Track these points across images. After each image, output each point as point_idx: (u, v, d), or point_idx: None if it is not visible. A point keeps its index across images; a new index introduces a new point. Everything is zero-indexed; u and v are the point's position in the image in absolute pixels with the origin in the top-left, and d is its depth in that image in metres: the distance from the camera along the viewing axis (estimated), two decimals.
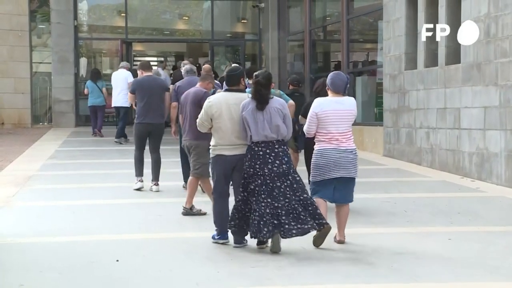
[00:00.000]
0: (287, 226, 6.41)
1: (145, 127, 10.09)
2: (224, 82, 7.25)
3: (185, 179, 10.41)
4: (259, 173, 6.50)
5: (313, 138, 6.96)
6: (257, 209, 6.43)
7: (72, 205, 9.00)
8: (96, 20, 22.32)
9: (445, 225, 7.92)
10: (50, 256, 6.49)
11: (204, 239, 7.02)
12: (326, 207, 6.87)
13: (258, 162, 6.51)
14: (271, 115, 6.56)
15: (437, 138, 12.45)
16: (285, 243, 6.59)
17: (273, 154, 6.53)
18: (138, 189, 10.02)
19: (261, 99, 6.58)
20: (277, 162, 6.52)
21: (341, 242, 6.94)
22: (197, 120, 6.98)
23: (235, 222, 6.63)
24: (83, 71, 21.44)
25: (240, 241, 6.74)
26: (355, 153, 6.85)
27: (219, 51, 22.44)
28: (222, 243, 6.85)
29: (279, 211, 6.42)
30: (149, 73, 10.50)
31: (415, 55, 13.27)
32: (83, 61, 21.63)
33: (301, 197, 6.52)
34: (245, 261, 6.27)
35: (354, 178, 6.90)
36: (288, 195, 6.47)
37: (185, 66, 10.99)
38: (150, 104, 10.08)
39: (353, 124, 6.94)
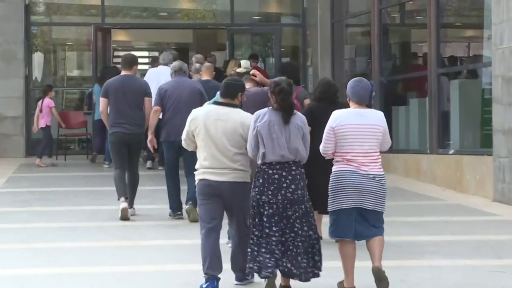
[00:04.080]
0: (288, 265, 7.67)
1: (120, 138, 11.86)
2: (219, 92, 8.28)
3: (173, 205, 11.75)
4: (272, 201, 7.76)
5: (325, 160, 8.03)
6: (266, 244, 7.68)
7: (19, 276, 9.02)
8: None
9: None
10: None
11: None
12: (354, 254, 7.74)
13: (272, 188, 7.77)
14: (291, 134, 7.80)
15: None
16: None
17: (289, 177, 7.79)
18: (124, 217, 11.66)
19: (288, 110, 7.82)
20: (293, 186, 7.78)
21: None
22: (182, 136, 8.19)
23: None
24: (37, 73, 21.56)
25: (242, 278, 8.09)
26: (382, 181, 7.79)
27: (242, 42, 22.50)
28: None
29: (280, 246, 7.67)
30: (128, 72, 11.79)
31: None
32: (37, 57, 21.77)
33: (308, 233, 7.75)
34: None
35: (381, 212, 7.82)
36: (295, 229, 7.73)
37: (173, 63, 11.95)
38: (123, 110, 11.65)
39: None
